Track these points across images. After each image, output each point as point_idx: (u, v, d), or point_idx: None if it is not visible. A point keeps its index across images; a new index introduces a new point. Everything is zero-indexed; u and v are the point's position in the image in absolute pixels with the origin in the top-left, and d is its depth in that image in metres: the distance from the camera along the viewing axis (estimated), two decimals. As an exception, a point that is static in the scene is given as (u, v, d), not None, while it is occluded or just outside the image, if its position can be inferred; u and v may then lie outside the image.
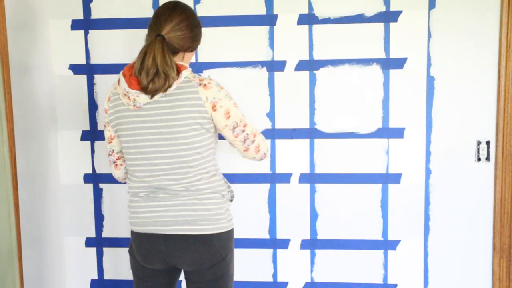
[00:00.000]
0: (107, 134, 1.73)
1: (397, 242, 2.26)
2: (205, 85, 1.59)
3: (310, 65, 2.20)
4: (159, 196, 1.64)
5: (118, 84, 1.63)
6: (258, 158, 1.78)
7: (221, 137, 2.23)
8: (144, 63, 1.53)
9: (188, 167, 1.61)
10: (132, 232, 1.71)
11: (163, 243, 1.64)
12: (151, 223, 1.64)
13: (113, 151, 1.76)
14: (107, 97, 1.69)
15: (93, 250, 2.39)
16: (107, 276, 2.40)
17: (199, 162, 1.62)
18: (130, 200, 1.70)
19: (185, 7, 1.64)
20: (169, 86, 1.55)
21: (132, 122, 1.61)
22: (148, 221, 1.65)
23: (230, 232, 1.70)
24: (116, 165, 1.79)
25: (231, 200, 1.75)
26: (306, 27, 2.18)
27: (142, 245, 1.67)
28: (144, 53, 1.55)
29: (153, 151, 1.60)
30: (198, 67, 2.22)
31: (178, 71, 1.57)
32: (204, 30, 2.20)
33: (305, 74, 2.21)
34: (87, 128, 2.32)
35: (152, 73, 1.52)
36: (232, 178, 2.25)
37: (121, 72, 1.63)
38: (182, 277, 1.79)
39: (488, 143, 2.17)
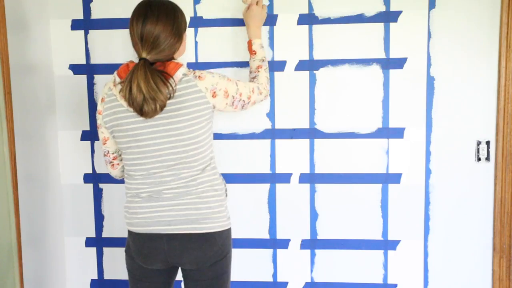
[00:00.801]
0: (101, 136, 1.73)
1: (397, 242, 2.26)
2: (199, 76, 1.61)
3: (310, 65, 2.20)
4: (161, 196, 1.64)
5: (114, 85, 1.62)
6: (259, 101, 1.88)
7: (220, 137, 2.24)
8: (132, 91, 1.53)
9: (193, 161, 1.62)
10: (131, 233, 1.71)
11: (166, 243, 1.64)
12: (153, 223, 1.65)
13: (108, 152, 1.76)
14: (100, 97, 1.67)
15: (93, 250, 2.39)
16: (107, 276, 2.40)
17: (202, 155, 1.64)
18: (129, 201, 1.69)
19: (154, 9, 1.58)
20: (164, 105, 1.55)
21: (133, 123, 1.60)
22: (150, 221, 1.65)
23: (230, 230, 1.73)
24: (113, 164, 1.80)
25: (226, 195, 1.76)
26: (306, 27, 2.18)
27: (144, 245, 1.67)
28: (130, 81, 1.54)
29: (157, 149, 1.61)
30: (197, 67, 2.22)
31: (171, 73, 1.57)
32: (204, 30, 2.22)
33: (305, 74, 2.21)
34: (87, 128, 2.31)
35: (140, 101, 1.53)
36: (232, 178, 2.25)
37: (116, 73, 1.62)
38: (179, 277, 1.79)
39: (488, 143, 2.17)
